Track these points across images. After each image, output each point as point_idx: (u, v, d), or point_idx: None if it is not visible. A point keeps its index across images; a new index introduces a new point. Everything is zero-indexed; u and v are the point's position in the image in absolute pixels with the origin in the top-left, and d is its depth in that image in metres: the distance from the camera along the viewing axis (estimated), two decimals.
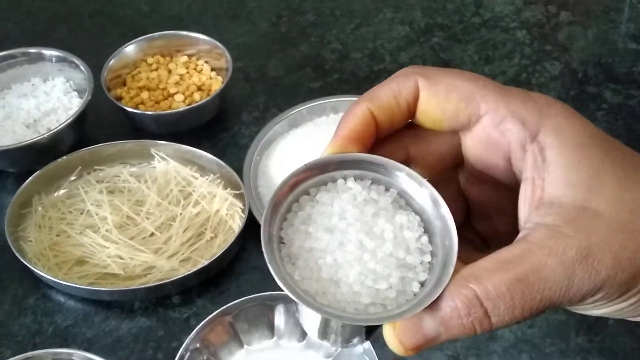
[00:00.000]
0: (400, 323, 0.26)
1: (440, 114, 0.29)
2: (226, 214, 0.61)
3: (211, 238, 0.59)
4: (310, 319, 0.28)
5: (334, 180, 0.29)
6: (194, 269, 0.56)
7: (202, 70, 0.73)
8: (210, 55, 0.73)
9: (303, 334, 0.53)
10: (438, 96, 0.28)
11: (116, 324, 0.55)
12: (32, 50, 0.69)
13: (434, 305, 0.25)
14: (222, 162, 0.63)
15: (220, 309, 0.52)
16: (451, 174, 0.31)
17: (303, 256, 0.27)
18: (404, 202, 0.28)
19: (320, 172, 0.29)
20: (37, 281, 0.58)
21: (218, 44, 0.71)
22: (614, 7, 0.85)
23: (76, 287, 0.55)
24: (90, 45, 0.81)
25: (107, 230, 0.59)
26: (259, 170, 0.64)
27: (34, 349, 0.53)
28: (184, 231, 0.59)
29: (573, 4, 0.87)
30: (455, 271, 0.26)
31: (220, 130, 0.71)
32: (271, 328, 0.54)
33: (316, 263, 0.26)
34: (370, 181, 0.28)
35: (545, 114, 0.28)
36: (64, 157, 0.63)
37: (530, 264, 0.25)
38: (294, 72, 0.78)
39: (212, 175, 0.64)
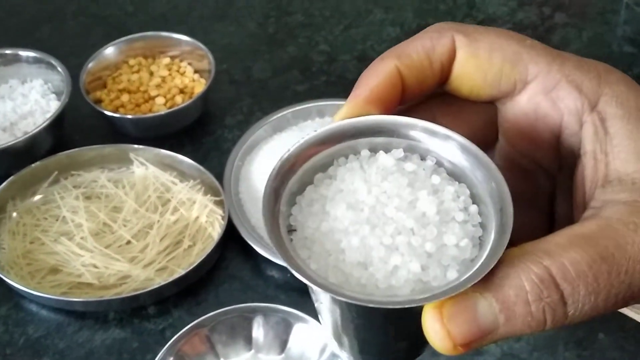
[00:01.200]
0: (448, 308, 0.20)
1: (480, 78, 0.24)
2: (206, 221, 0.59)
3: (189, 246, 0.58)
4: (327, 315, 0.24)
5: (356, 152, 0.24)
6: (170, 279, 0.54)
7: (184, 72, 0.71)
8: (193, 56, 0.71)
9: (282, 347, 0.52)
10: (479, 56, 0.24)
11: (89, 335, 0.54)
12: (8, 51, 0.67)
13: (491, 287, 0.20)
14: (202, 168, 0.61)
15: (196, 321, 0.51)
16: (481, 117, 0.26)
17: (320, 239, 0.22)
18: (444, 171, 0.23)
19: (336, 142, 0.24)
20: (9, 290, 0.56)
21: (200, 45, 0.69)
22: (610, 9, 0.83)
23: (48, 298, 0.53)
24: (74, 45, 0.79)
25: (82, 238, 0.57)
26: (241, 176, 0.63)
27: None
28: (161, 239, 0.57)
29: (568, 5, 0.85)
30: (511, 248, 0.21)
31: (202, 134, 0.69)
32: (249, 340, 0.52)
33: (338, 246, 0.22)
34: (402, 150, 0.23)
35: (605, 80, 0.24)
36: (40, 161, 0.62)
37: (615, 241, 0.21)
38: (281, 74, 0.76)
39: (192, 180, 0.62)
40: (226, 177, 0.61)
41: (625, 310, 0.52)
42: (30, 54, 0.67)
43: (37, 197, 0.62)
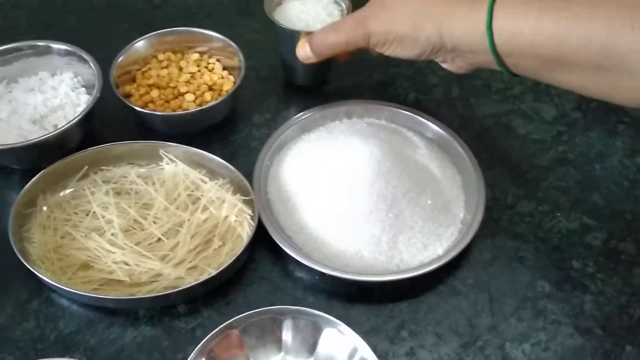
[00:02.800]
0: (298, 47, 0.64)
1: None
2: (235, 221, 0.59)
3: (219, 246, 0.58)
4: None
5: None
6: (201, 279, 0.54)
7: (213, 69, 0.71)
8: (223, 53, 0.71)
9: (311, 350, 0.52)
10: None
11: (120, 332, 0.54)
12: (40, 43, 0.67)
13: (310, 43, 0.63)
14: (231, 167, 0.62)
15: (227, 322, 0.51)
16: None
17: (285, 13, 0.68)
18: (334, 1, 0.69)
19: None
20: (41, 284, 0.56)
21: (231, 42, 0.69)
22: None
23: (81, 294, 0.53)
24: (100, 38, 0.79)
25: (112, 234, 0.57)
26: (270, 176, 0.63)
27: (36, 355, 0.52)
28: (191, 238, 0.58)
29: None
30: None
31: (230, 132, 0.69)
32: (279, 343, 0.53)
33: (290, 14, 0.66)
34: None
35: None
36: (71, 156, 0.62)
37: (341, 21, 0.63)
38: None
39: (221, 179, 0.62)
40: (256, 177, 0.61)
41: None
42: (62, 46, 0.67)
43: (67, 192, 0.62)
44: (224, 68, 0.71)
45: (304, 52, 0.63)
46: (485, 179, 0.62)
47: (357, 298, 0.56)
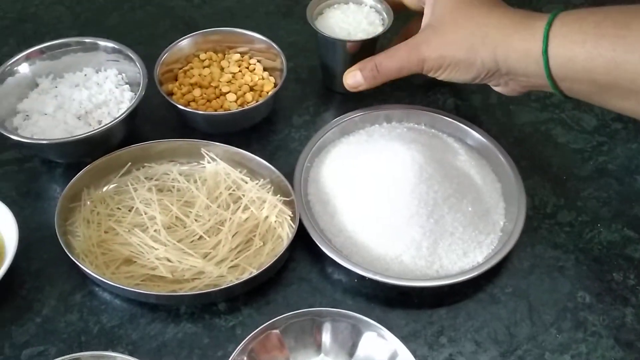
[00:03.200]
0: (346, 74, 0.65)
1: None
2: (275, 221, 0.60)
3: (260, 246, 0.58)
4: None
5: None
6: (243, 278, 0.55)
7: (254, 69, 0.71)
8: (264, 54, 0.71)
9: (351, 353, 0.52)
10: None
11: (162, 327, 0.55)
12: (87, 39, 0.68)
13: (361, 65, 0.64)
14: (272, 167, 0.62)
15: (268, 322, 0.52)
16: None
17: (325, 21, 0.69)
18: (375, 10, 0.71)
19: None
20: (84, 278, 0.57)
21: (274, 45, 0.70)
22: None
23: (124, 289, 0.54)
24: (141, 35, 0.80)
25: (155, 231, 0.58)
26: (310, 178, 0.63)
27: (80, 348, 0.53)
28: (232, 236, 0.58)
29: None
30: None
31: (269, 132, 0.70)
32: (318, 345, 0.53)
33: (332, 22, 0.68)
34: (364, 4, 0.70)
35: None
36: (115, 152, 0.63)
37: (395, 48, 0.62)
38: None
39: (261, 179, 0.63)
40: (296, 178, 0.62)
41: None
42: (109, 44, 0.68)
43: (110, 187, 0.63)
44: (264, 69, 0.72)
45: (354, 79, 0.63)
46: (525, 187, 0.62)
47: (396, 302, 0.57)
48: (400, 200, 0.57)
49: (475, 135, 0.66)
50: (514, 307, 0.56)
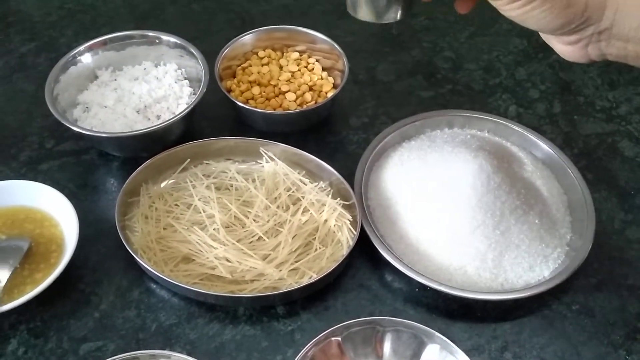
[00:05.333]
0: None
1: None
2: (334, 225, 0.59)
3: (320, 250, 0.57)
4: None
5: None
6: (303, 283, 0.54)
7: (313, 69, 0.70)
8: (325, 55, 0.70)
9: None
10: None
11: (220, 328, 0.54)
12: (150, 33, 0.67)
13: None
14: (333, 170, 0.61)
15: (330, 329, 0.50)
16: None
17: None
18: None
19: None
20: (141, 274, 0.57)
21: (336, 45, 0.68)
22: None
23: (183, 287, 0.53)
24: (197, 30, 0.80)
25: (214, 229, 0.57)
26: (370, 183, 0.62)
27: (137, 345, 0.52)
28: (292, 239, 0.57)
29: None
30: None
31: (327, 133, 0.69)
32: (378, 355, 0.52)
33: None
34: None
35: None
36: (174, 148, 0.62)
37: None
38: (405, 78, 0.75)
39: (320, 182, 0.62)
40: (357, 182, 0.61)
41: None
42: (171, 38, 0.67)
43: (167, 183, 0.62)
44: (322, 69, 0.70)
45: None
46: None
47: (458, 314, 0.55)
48: (467, 209, 0.55)
49: (541, 145, 0.64)
50: (581, 325, 0.54)
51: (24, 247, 0.55)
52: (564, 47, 0.46)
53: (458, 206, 0.56)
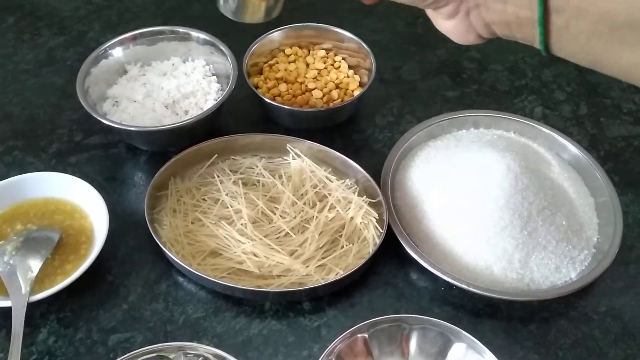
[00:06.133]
0: None
1: None
2: (360, 223, 0.59)
3: (345, 246, 0.57)
4: None
5: None
6: (330, 279, 0.54)
7: (339, 67, 0.70)
8: (352, 53, 0.70)
9: None
10: None
11: (246, 322, 0.54)
12: (180, 29, 0.68)
13: None
14: (359, 167, 0.61)
15: (356, 325, 0.51)
16: None
17: None
18: None
19: None
20: (169, 267, 0.57)
21: (364, 44, 0.69)
22: None
23: (211, 280, 0.54)
24: (223, 26, 0.79)
25: (242, 225, 0.58)
26: (396, 181, 0.62)
27: (165, 337, 0.53)
28: (319, 235, 0.57)
29: None
30: None
31: (353, 131, 0.69)
32: (404, 353, 0.52)
33: None
34: None
35: None
36: (202, 143, 0.62)
37: None
38: (430, 77, 0.75)
39: (346, 179, 0.62)
40: (383, 180, 0.61)
41: None
42: (201, 35, 0.68)
43: (195, 177, 0.63)
44: (349, 67, 0.71)
45: None
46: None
47: (483, 314, 0.55)
48: (494, 209, 0.55)
49: (568, 147, 0.64)
50: (607, 327, 0.54)
51: (55, 238, 0.56)
52: (448, 24, 0.43)
53: (485, 206, 0.56)
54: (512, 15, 0.39)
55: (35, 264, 0.54)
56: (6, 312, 0.52)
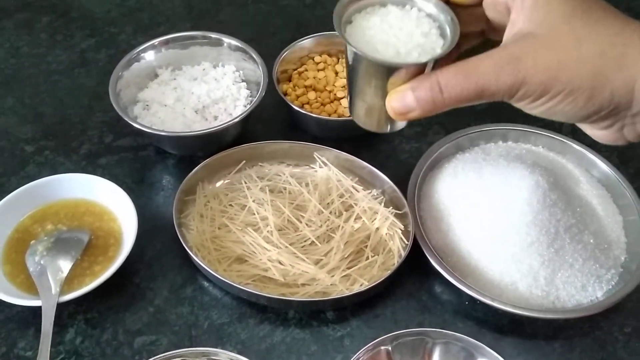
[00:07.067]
0: (392, 94, 0.42)
1: None
2: (386, 234, 0.59)
3: (370, 257, 0.58)
4: (351, 77, 0.44)
5: (384, 4, 0.45)
6: (354, 290, 0.54)
7: None
8: None
9: None
10: None
11: (270, 330, 0.55)
12: (213, 35, 0.68)
13: (416, 83, 0.41)
14: (386, 178, 0.61)
15: (380, 338, 0.51)
16: (473, 15, 0.45)
17: (360, 31, 0.43)
18: (425, 14, 0.44)
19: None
20: (195, 272, 0.58)
21: None
22: None
23: (236, 287, 0.54)
24: (253, 32, 0.81)
25: (268, 232, 0.58)
26: (422, 193, 0.62)
27: (190, 342, 0.54)
28: (344, 245, 0.58)
29: None
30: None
31: (379, 141, 0.69)
32: None
33: (367, 36, 0.43)
34: (409, 5, 0.45)
35: None
36: (230, 149, 0.63)
37: (473, 63, 0.39)
38: None
39: (373, 189, 0.62)
40: (410, 192, 0.61)
41: None
42: (232, 41, 0.68)
43: (223, 183, 0.63)
44: None
45: (402, 102, 0.42)
46: None
47: (507, 330, 0.55)
48: (522, 225, 0.55)
49: (598, 164, 0.63)
50: (633, 348, 0.54)
51: (85, 240, 0.57)
52: (598, 133, 0.43)
53: (513, 222, 0.56)
54: None
55: (65, 265, 0.55)
56: (34, 311, 0.53)
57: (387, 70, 0.42)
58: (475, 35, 0.46)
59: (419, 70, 0.41)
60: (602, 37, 0.39)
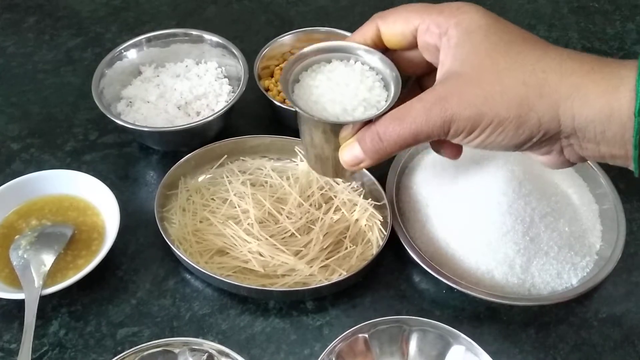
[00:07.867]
0: (343, 148, 0.45)
1: (394, 37, 0.45)
2: (365, 225, 0.60)
3: (350, 248, 0.59)
4: (305, 139, 0.47)
5: (329, 61, 0.47)
6: (333, 280, 0.55)
7: None
8: None
9: None
10: (388, 27, 0.45)
11: (250, 320, 0.56)
12: (194, 32, 0.70)
13: (360, 137, 0.44)
14: (365, 170, 0.62)
15: (357, 326, 0.52)
16: (413, 59, 0.47)
17: (308, 92, 0.45)
18: (368, 68, 0.46)
19: (320, 53, 0.47)
20: (177, 264, 0.59)
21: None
22: None
23: (217, 278, 0.55)
24: (237, 30, 0.82)
25: (249, 224, 0.59)
26: (401, 185, 0.63)
27: (172, 333, 0.55)
28: (323, 236, 0.59)
29: None
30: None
31: None
32: (403, 353, 0.53)
33: (314, 95, 0.45)
34: (352, 60, 0.47)
35: (453, 14, 0.43)
36: (213, 144, 0.64)
37: (405, 108, 0.42)
38: None
39: (353, 182, 0.63)
40: (389, 184, 0.62)
41: None
42: (214, 38, 0.69)
43: (205, 177, 0.64)
44: None
45: (351, 154, 0.45)
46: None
47: (484, 317, 0.56)
48: (497, 214, 0.56)
49: None
50: (607, 334, 0.55)
51: (68, 234, 0.58)
52: (542, 158, 0.45)
53: (488, 211, 0.57)
54: (606, 153, 0.41)
55: (48, 259, 0.56)
56: (19, 304, 0.54)
57: (337, 127, 0.44)
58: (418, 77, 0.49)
59: (366, 122, 0.44)
60: (524, 67, 0.41)
